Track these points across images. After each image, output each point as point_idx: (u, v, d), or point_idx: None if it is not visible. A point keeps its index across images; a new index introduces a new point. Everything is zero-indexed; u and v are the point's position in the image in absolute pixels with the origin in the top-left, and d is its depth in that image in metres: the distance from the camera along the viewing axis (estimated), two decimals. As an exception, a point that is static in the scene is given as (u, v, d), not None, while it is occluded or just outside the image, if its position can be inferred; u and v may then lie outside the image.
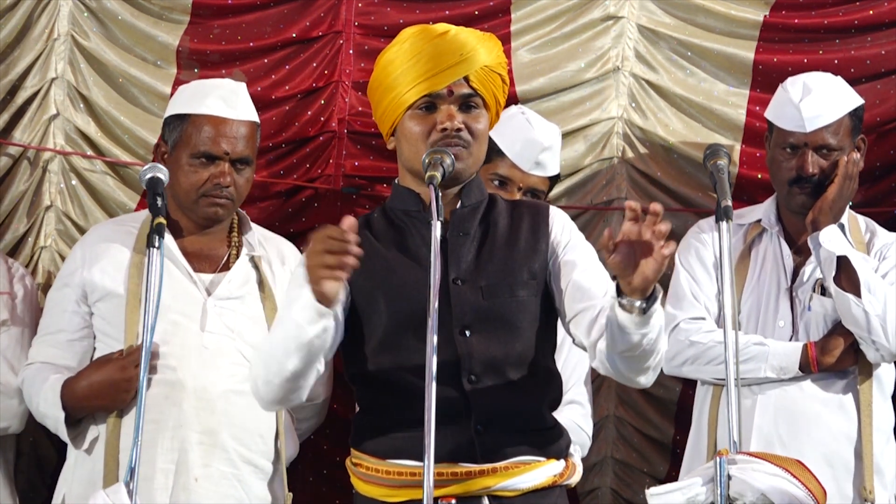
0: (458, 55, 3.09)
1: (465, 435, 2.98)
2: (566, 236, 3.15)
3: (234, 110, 3.78)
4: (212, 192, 3.73)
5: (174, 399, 3.61)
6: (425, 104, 3.10)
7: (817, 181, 3.89)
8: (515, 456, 3.02)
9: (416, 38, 3.14)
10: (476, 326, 3.03)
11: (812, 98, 3.88)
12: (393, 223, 3.17)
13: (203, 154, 3.73)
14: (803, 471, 3.25)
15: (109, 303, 3.70)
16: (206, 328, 3.68)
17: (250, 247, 3.83)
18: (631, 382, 3.01)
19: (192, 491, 3.60)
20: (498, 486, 3.00)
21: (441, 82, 3.08)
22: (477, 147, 3.12)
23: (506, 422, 3.02)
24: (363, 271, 3.00)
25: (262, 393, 3.02)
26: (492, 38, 3.19)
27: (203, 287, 3.73)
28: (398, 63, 3.12)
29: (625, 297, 2.81)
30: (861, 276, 3.75)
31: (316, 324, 2.85)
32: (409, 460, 3.01)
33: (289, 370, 2.92)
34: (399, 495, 3.03)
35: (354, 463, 3.11)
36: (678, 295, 3.96)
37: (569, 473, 3.11)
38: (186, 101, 3.81)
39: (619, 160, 4.37)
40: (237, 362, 3.69)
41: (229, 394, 3.66)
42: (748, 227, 4.02)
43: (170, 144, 3.78)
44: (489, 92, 3.12)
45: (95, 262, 3.74)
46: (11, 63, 4.33)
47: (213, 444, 3.63)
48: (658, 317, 2.85)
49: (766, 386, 3.85)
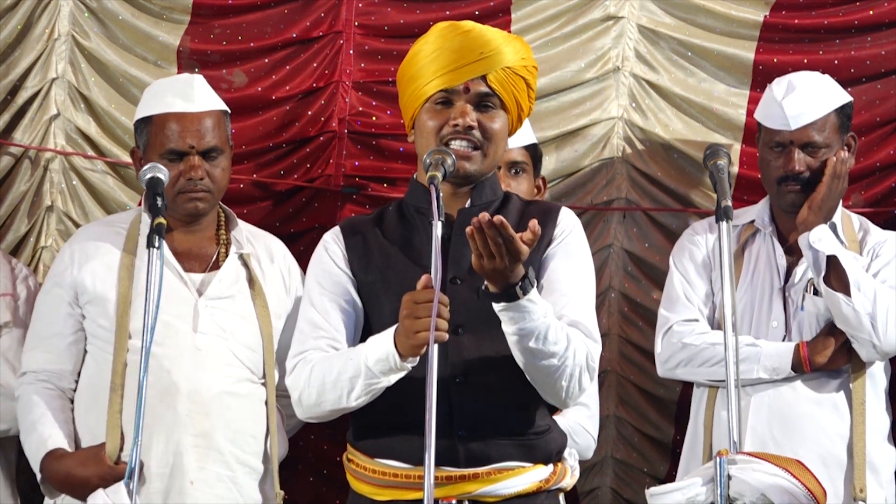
0: (479, 53, 3.10)
1: (449, 439, 2.98)
2: (566, 236, 3.15)
3: (192, 103, 3.76)
4: (186, 187, 3.72)
5: (168, 402, 3.60)
6: (442, 99, 3.12)
7: (806, 179, 3.89)
8: (499, 461, 3.04)
9: (443, 33, 3.16)
10: (469, 326, 3.04)
11: (795, 96, 3.88)
12: (404, 218, 3.19)
13: (170, 152, 3.71)
14: (803, 471, 3.25)
15: (99, 305, 3.68)
16: (198, 329, 3.67)
17: (238, 244, 3.82)
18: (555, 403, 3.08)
19: (188, 494, 3.60)
20: (479, 492, 3.02)
21: (458, 78, 3.10)
22: (491, 148, 3.12)
23: (490, 427, 3.03)
24: (368, 267, 3.03)
25: (306, 409, 3.11)
26: (519, 41, 3.19)
27: (194, 287, 3.72)
28: (423, 55, 3.15)
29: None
30: (850, 276, 3.75)
31: (389, 376, 2.96)
32: (395, 461, 3.04)
33: (347, 406, 3.03)
34: (384, 494, 3.06)
35: (348, 458, 3.15)
36: (671, 297, 3.97)
37: (556, 479, 3.11)
38: (148, 104, 3.80)
39: (619, 160, 4.37)
40: (230, 363, 3.69)
41: (223, 395, 3.66)
42: (742, 227, 4.03)
43: (142, 148, 3.77)
44: (508, 93, 3.12)
45: (85, 264, 3.73)
46: (12, 63, 4.33)
47: (207, 447, 3.63)
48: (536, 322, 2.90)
49: (759, 387, 3.85)
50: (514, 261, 2.84)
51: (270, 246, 3.90)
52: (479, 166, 3.13)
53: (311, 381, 3.06)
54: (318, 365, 3.07)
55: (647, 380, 4.31)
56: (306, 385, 3.07)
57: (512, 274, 2.87)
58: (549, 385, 3.00)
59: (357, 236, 3.20)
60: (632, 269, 4.36)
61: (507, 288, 2.88)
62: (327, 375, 3.03)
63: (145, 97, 3.85)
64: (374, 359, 2.95)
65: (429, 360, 2.78)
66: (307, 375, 3.07)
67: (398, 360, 2.92)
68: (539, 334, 2.92)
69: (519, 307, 2.90)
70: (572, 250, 3.14)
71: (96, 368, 3.69)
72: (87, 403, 3.68)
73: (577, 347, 2.99)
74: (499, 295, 2.90)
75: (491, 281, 2.89)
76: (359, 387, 2.98)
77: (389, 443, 3.05)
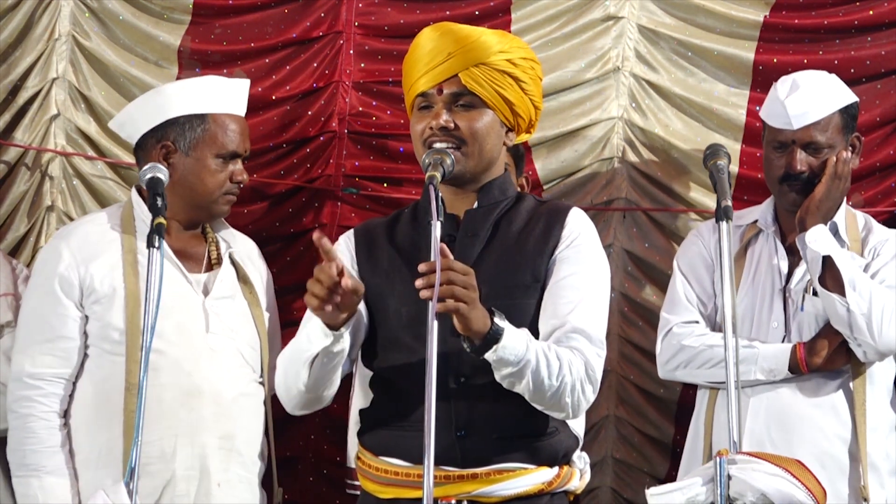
0: (447, 54, 3.10)
1: (448, 439, 2.99)
2: (574, 236, 3.13)
3: (244, 108, 3.82)
4: (233, 190, 3.77)
5: (191, 405, 3.59)
6: (422, 103, 3.13)
7: (807, 179, 3.89)
8: (500, 462, 3.04)
9: (420, 37, 3.18)
10: None
11: (798, 95, 3.88)
12: (415, 220, 3.20)
13: (231, 153, 3.75)
14: (803, 471, 3.25)
15: (107, 304, 3.63)
16: (210, 329, 3.68)
17: (227, 244, 3.83)
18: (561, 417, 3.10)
19: (214, 496, 3.60)
20: (478, 492, 3.02)
21: (431, 81, 3.11)
22: (473, 147, 3.11)
23: (490, 428, 3.04)
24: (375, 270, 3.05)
25: (285, 400, 3.16)
26: (499, 36, 3.18)
27: (199, 287, 3.72)
28: (408, 60, 3.19)
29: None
30: (845, 275, 3.74)
31: (321, 341, 2.96)
32: (397, 459, 3.05)
33: (302, 382, 3.05)
34: (386, 492, 3.07)
35: (358, 456, 3.16)
36: (673, 299, 3.97)
37: (561, 481, 3.11)
38: (195, 101, 3.76)
39: (619, 160, 4.37)
40: (240, 363, 3.70)
41: (240, 397, 3.67)
42: (745, 227, 4.02)
43: (185, 144, 3.73)
44: (487, 90, 3.11)
45: (90, 262, 3.66)
46: (13, 63, 4.34)
47: (230, 449, 3.63)
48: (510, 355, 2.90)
49: (758, 388, 3.85)
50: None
51: (248, 245, 3.91)
52: (462, 166, 3.12)
53: (279, 374, 3.13)
54: (284, 352, 3.14)
55: (647, 380, 4.31)
56: (280, 380, 3.14)
57: (473, 318, 2.86)
58: (553, 405, 3.01)
59: (368, 239, 3.22)
60: (632, 269, 4.36)
61: (479, 337, 2.89)
62: (286, 363, 3.10)
63: (190, 92, 3.78)
64: (305, 334, 3.01)
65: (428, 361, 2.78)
66: (279, 372, 3.14)
67: (324, 329, 2.96)
68: (529, 369, 2.93)
69: (496, 361, 2.91)
70: (581, 254, 3.12)
71: (103, 373, 3.62)
72: (97, 408, 3.61)
73: (573, 362, 3.00)
74: (474, 348, 2.91)
75: (460, 329, 2.89)
76: (300, 361, 3.03)
77: (392, 441, 3.07)
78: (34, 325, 3.68)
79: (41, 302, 3.69)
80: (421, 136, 3.12)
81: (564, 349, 3.00)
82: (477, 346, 2.89)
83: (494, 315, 2.89)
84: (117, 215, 3.78)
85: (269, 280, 3.90)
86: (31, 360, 3.64)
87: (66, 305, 3.66)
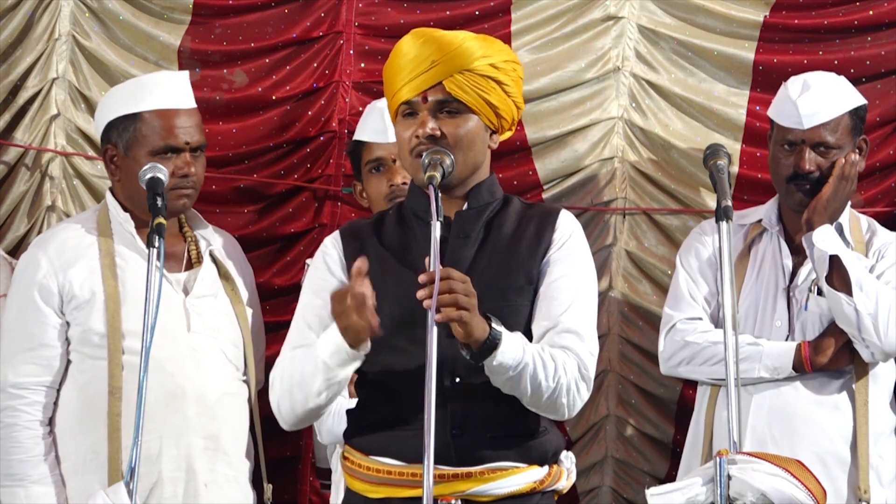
0: (430, 62, 3.09)
1: (443, 438, 2.98)
2: (565, 239, 3.14)
3: (182, 101, 3.73)
4: (179, 184, 3.68)
5: (175, 406, 3.59)
6: (407, 111, 3.13)
7: (815, 179, 3.89)
8: (493, 461, 3.04)
9: (403, 44, 3.17)
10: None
11: (810, 95, 3.88)
12: (402, 223, 3.19)
13: (165, 148, 3.66)
14: (803, 471, 3.25)
15: (87, 310, 3.61)
16: (191, 329, 3.66)
17: (206, 242, 3.80)
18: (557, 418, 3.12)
19: (202, 496, 3.60)
20: (472, 491, 3.02)
21: (415, 90, 3.10)
22: (461, 153, 3.11)
23: (483, 427, 3.04)
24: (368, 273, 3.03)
25: (284, 416, 3.11)
26: (482, 41, 3.14)
27: (179, 287, 3.69)
28: (390, 66, 3.17)
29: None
30: (852, 275, 3.75)
31: (347, 367, 2.97)
32: (390, 458, 3.05)
33: (317, 404, 3.04)
34: (378, 492, 3.06)
35: (344, 456, 3.15)
36: (676, 296, 3.97)
37: (551, 480, 3.11)
38: (128, 101, 3.71)
39: (619, 160, 4.37)
40: (223, 362, 3.69)
41: (224, 397, 3.66)
42: (749, 226, 4.02)
43: (123, 146, 3.69)
44: (472, 96, 3.09)
45: (68, 269, 3.64)
46: (13, 63, 4.34)
47: (216, 449, 3.63)
48: (509, 360, 2.92)
49: (760, 386, 3.85)
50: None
51: (228, 241, 3.89)
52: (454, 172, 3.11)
53: (282, 389, 3.08)
54: (284, 371, 3.08)
55: (647, 380, 4.31)
56: (280, 395, 3.09)
57: (474, 325, 2.87)
58: (549, 406, 3.02)
59: (356, 241, 3.20)
60: (632, 269, 4.36)
61: (478, 344, 2.89)
62: (294, 378, 3.05)
63: (121, 95, 3.76)
64: (328, 353, 2.96)
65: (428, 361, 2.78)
66: (279, 385, 3.09)
67: (350, 350, 2.94)
68: (527, 373, 2.94)
69: (496, 366, 2.92)
70: (572, 255, 3.13)
71: (86, 377, 3.61)
72: (81, 414, 3.60)
73: (567, 362, 3.01)
74: (473, 354, 2.92)
75: (460, 338, 2.90)
76: (319, 382, 2.99)
77: (384, 441, 3.06)
78: (15, 334, 3.66)
79: (21, 311, 3.67)
80: (408, 143, 3.12)
81: (558, 350, 3.01)
82: (476, 353, 2.90)
83: (491, 321, 2.90)
84: (93, 219, 3.76)
85: (250, 276, 3.88)
86: (14, 370, 3.63)
87: (46, 313, 3.63)
